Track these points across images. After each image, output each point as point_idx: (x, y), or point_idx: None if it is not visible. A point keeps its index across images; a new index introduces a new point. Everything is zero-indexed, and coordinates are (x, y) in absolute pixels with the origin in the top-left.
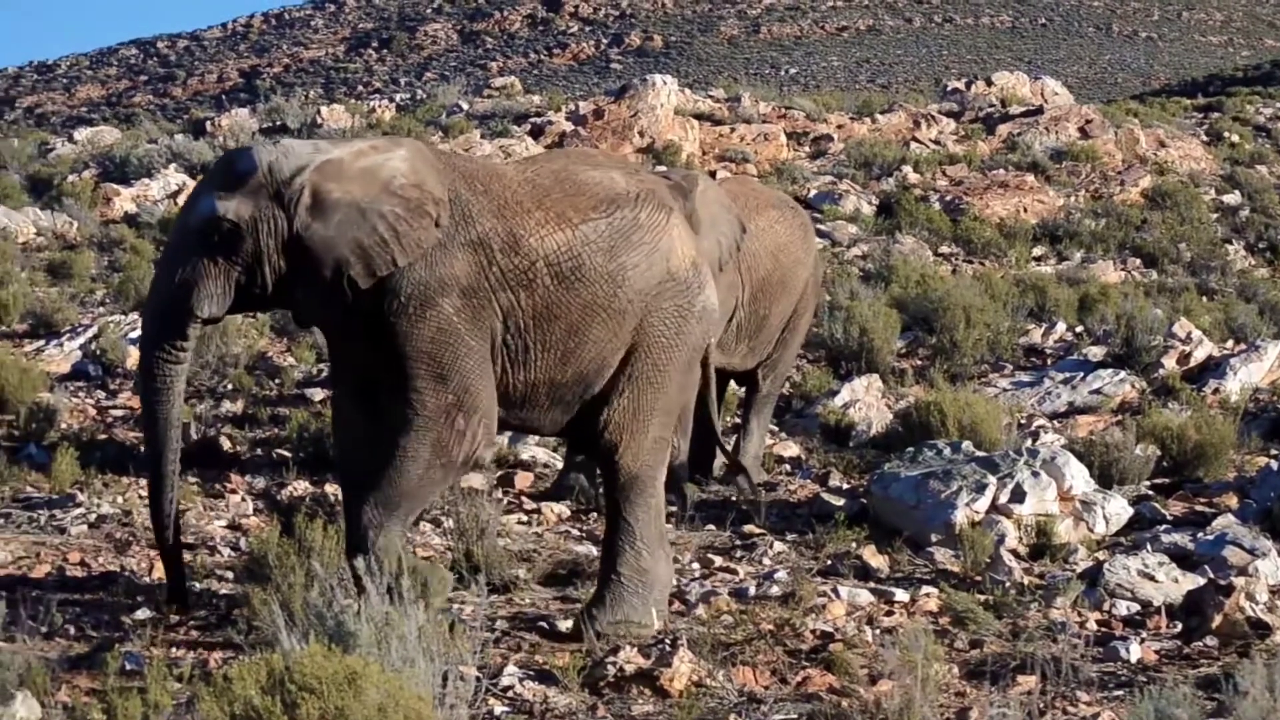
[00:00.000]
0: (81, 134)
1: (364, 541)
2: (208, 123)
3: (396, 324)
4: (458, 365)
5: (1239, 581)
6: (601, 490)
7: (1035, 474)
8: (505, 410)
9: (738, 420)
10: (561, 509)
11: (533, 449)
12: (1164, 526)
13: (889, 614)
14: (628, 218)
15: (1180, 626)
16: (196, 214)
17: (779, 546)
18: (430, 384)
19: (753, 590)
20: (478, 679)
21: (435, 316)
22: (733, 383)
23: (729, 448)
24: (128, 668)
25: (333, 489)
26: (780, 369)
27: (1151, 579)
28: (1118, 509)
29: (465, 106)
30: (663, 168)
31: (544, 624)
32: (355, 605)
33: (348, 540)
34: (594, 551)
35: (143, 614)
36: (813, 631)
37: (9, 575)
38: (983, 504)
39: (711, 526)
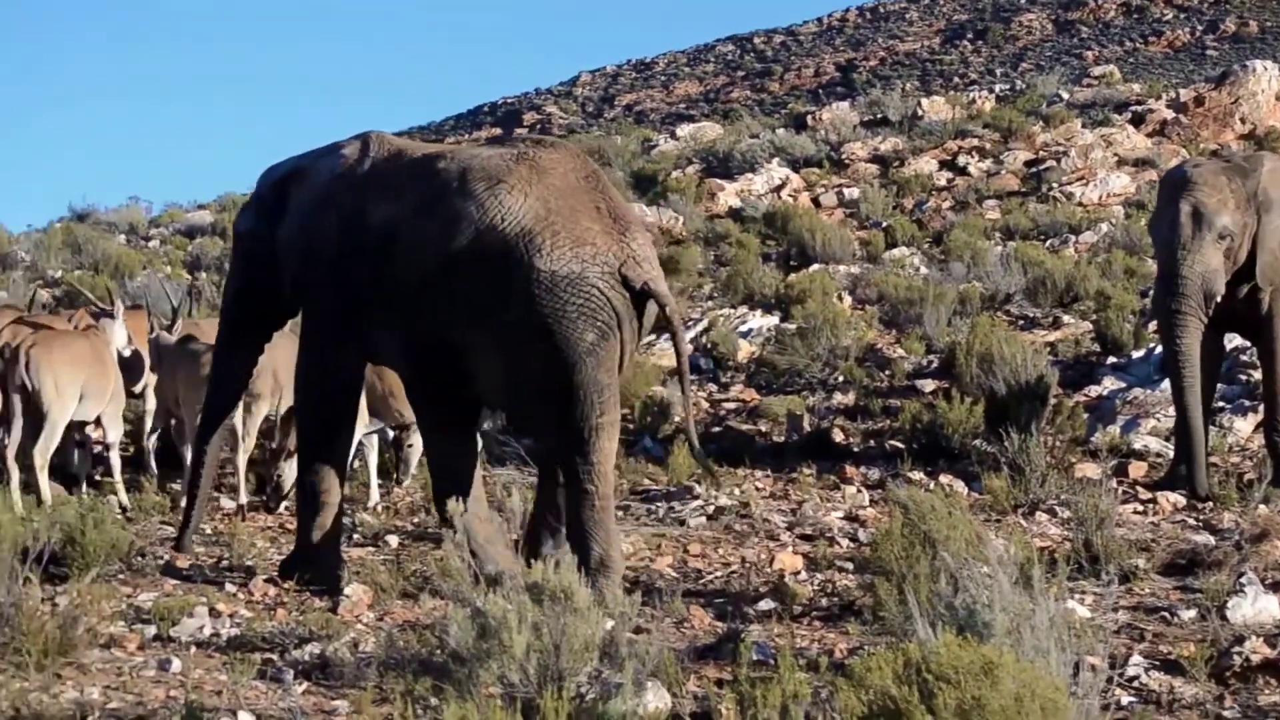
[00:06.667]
0: (683, 130)
1: None
2: (808, 116)
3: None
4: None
5: None
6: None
7: None
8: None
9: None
10: (1177, 498)
11: (1145, 438)
12: None
13: None
14: (436, 189)
15: None
16: None
17: None
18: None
19: None
20: (1107, 669)
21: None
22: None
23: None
24: (755, 658)
25: (946, 479)
26: None
27: None
28: None
29: (1065, 96)
30: (1248, 151)
31: (1165, 613)
32: (987, 595)
33: None
34: (1212, 541)
35: (765, 604)
36: None
37: (632, 566)
38: None
39: None
